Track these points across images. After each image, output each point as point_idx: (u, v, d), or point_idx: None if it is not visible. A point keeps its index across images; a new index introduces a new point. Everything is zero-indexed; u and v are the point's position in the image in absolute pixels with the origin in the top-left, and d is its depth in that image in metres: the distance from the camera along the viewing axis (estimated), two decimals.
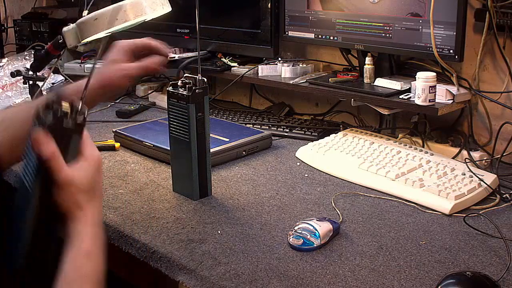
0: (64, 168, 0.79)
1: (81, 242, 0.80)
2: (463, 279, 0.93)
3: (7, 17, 2.80)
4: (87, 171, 0.82)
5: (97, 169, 0.84)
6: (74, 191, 0.80)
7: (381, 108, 1.58)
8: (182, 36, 2.06)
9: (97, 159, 0.84)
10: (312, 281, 0.98)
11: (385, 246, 1.09)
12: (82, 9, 1.55)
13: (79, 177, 0.81)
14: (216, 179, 1.40)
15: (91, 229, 0.81)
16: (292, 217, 1.21)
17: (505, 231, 1.13)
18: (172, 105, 1.28)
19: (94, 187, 0.83)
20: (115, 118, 1.94)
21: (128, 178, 1.43)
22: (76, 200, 0.80)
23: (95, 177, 0.83)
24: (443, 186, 1.28)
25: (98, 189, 0.84)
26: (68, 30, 1.45)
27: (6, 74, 2.04)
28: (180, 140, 1.28)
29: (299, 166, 1.50)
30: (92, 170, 0.83)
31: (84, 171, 0.82)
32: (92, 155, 0.84)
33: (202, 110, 1.25)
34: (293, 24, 1.80)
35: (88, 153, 0.84)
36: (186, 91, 1.23)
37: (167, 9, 1.40)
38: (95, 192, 0.83)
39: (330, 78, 1.70)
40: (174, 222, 1.20)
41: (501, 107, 1.52)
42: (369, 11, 1.60)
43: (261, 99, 2.10)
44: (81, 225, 0.80)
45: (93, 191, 0.83)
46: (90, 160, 0.83)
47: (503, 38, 1.47)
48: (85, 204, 0.81)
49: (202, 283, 1.00)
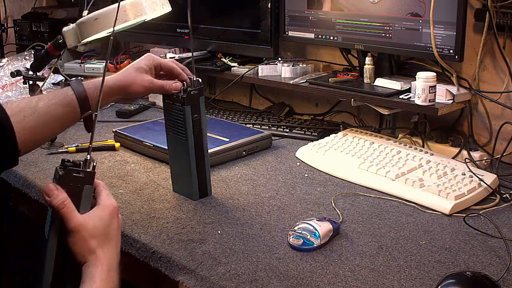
0: (75, 215, 0.83)
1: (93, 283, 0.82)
2: (463, 279, 0.93)
3: (7, 17, 2.80)
4: (98, 218, 0.85)
5: (111, 216, 0.87)
6: (86, 237, 0.83)
7: (381, 108, 1.58)
8: (182, 36, 2.06)
9: (111, 207, 0.88)
10: (312, 281, 0.98)
11: (385, 246, 1.09)
12: (82, 9, 1.55)
13: (91, 223, 0.84)
14: (216, 179, 1.40)
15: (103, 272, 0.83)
16: (292, 217, 1.21)
17: (505, 231, 1.13)
18: (168, 107, 1.27)
19: (109, 232, 0.86)
20: (115, 118, 1.94)
21: (128, 178, 1.43)
22: (88, 246, 0.83)
23: (109, 223, 0.86)
24: (443, 186, 1.28)
25: (113, 234, 0.87)
26: (68, 30, 1.45)
27: (6, 74, 2.04)
28: (177, 142, 1.28)
29: (299, 166, 1.50)
30: (105, 217, 0.86)
31: (96, 218, 0.85)
32: (106, 203, 0.88)
33: (198, 111, 1.24)
34: (293, 24, 1.80)
35: (102, 201, 0.88)
36: (182, 93, 1.22)
37: (167, 9, 1.40)
38: (108, 238, 0.86)
39: (330, 78, 1.70)
40: (174, 222, 1.20)
41: (501, 107, 1.52)
42: (369, 11, 1.60)
43: (261, 99, 2.10)
44: (93, 269, 0.83)
45: (106, 236, 0.85)
46: (103, 208, 0.87)
47: (503, 38, 1.47)
48: (98, 249, 0.84)
49: (202, 283, 1.00)
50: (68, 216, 0.82)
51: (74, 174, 0.84)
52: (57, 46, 1.52)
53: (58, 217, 0.82)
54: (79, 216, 0.83)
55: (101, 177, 1.43)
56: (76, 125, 1.95)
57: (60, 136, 1.68)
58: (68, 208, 0.82)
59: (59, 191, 0.82)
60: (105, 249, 0.85)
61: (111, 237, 0.86)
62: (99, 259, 0.83)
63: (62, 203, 0.81)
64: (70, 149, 1.60)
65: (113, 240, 0.87)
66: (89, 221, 0.84)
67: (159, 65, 1.19)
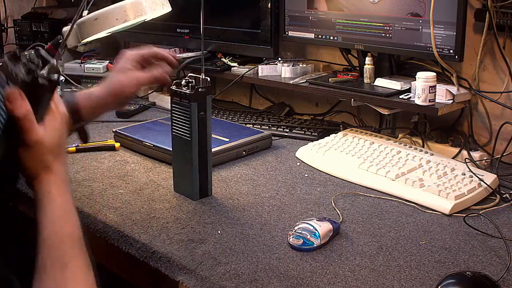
0: (36, 128, 0.78)
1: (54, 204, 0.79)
2: (463, 279, 0.93)
3: (7, 17, 2.80)
4: (55, 130, 0.81)
5: (63, 125, 0.83)
6: (44, 151, 0.79)
7: (381, 108, 1.58)
8: (182, 36, 2.06)
9: (63, 115, 0.83)
10: (312, 281, 0.98)
11: (385, 246, 1.09)
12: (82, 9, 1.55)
13: (49, 137, 0.80)
14: (216, 179, 1.40)
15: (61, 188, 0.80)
16: (292, 217, 1.21)
17: (505, 231, 1.13)
18: (175, 104, 1.28)
19: (60, 144, 0.82)
20: (115, 118, 1.94)
21: (128, 178, 1.43)
22: (44, 161, 0.79)
23: (61, 133, 0.82)
24: (443, 186, 1.28)
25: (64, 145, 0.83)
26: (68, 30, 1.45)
27: None
28: (182, 139, 1.28)
29: (299, 166, 1.50)
30: (58, 127, 0.82)
31: (53, 130, 0.81)
32: (59, 111, 0.83)
33: (204, 109, 1.25)
34: (293, 24, 1.80)
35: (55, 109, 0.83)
36: (189, 90, 1.24)
37: (167, 9, 1.40)
38: (61, 149, 0.82)
39: (330, 78, 1.70)
40: (174, 222, 1.20)
41: (501, 107, 1.52)
42: (369, 11, 1.60)
43: (261, 99, 2.10)
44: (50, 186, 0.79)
45: (59, 148, 0.81)
46: (57, 117, 0.82)
47: (503, 38, 1.47)
48: (52, 163, 0.80)
49: (202, 283, 1.00)
50: (29, 128, 0.77)
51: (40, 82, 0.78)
52: (57, 46, 1.52)
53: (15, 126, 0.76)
54: (40, 129, 0.78)
55: (101, 177, 1.43)
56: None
57: None
58: (30, 120, 0.77)
59: (23, 101, 0.76)
60: (59, 162, 0.81)
61: (63, 149, 0.82)
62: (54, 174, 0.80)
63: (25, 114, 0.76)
64: (70, 149, 1.60)
65: (64, 151, 0.83)
66: (47, 135, 0.79)
67: (142, 57, 1.15)
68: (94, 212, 1.24)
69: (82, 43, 1.47)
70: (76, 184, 1.38)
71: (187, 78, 1.26)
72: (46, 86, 0.79)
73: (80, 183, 1.39)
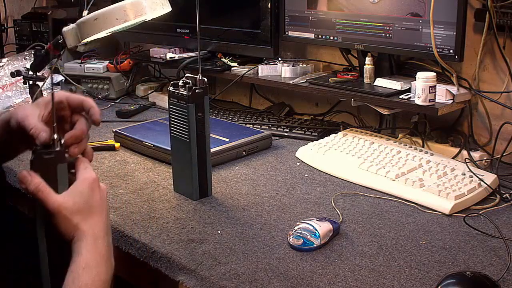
0: (52, 196, 0.82)
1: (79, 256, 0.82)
2: (463, 279, 0.93)
3: (7, 17, 2.80)
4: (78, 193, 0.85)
5: (90, 188, 0.86)
6: (67, 215, 0.83)
7: (381, 108, 1.58)
8: (182, 36, 2.06)
9: (90, 179, 0.87)
10: (312, 281, 0.98)
11: (385, 246, 1.09)
12: (82, 9, 1.55)
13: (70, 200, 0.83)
14: (216, 179, 1.40)
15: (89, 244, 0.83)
16: (292, 217, 1.21)
17: (505, 231, 1.13)
18: (173, 105, 1.28)
19: (91, 205, 0.85)
20: (115, 118, 1.94)
21: (128, 178, 1.43)
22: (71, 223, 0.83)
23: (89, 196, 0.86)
24: (443, 186, 1.28)
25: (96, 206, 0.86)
26: (68, 30, 1.45)
27: (6, 74, 2.04)
28: (180, 140, 1.28)
29: (299, 166, 1.50)
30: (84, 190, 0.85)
31: (75, 193, 0.85)
32: (84, 177, 0.87)
33: (202, 110, 1.25)
34: (293, 24, 1.80)
35: (80, 176, 0.87)
36: (186, 91, 1.24)
37: (167, 9, 1.40)
38: (91, 210, 0.85)
39: (330, 78, 1.70)
40: (174, 222, 1.20)
41: (501, 107, 1.52)
42: (369, 11, 1.60)
43: (261, 99, 2.10)
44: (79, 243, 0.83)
45: (89, 209, 0.85)
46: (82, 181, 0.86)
47: (503, 38, 1.47)
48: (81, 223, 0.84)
49: (202, 283, 1.00)
50: (45, 199, 0.82)
51: (45, 157, 0.84)
52: (57, 46, 1.52)
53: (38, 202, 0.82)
54: (57, 197, 0.83)
55: (101, 177, 1.43)
56: None
57: None
58: (43, 191, 0.82)
59: (32, 177, 0.82)
60: (89, 222, 0.84)
61: (94, 209, 0.86)
62: (84, 233, 0.83)
63: (37, 187, 0.81)
64: None
65: (96, 211, 0.86)
66: (68, 199, 0.83)
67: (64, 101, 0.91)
68: None
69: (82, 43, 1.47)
70: None
71: (184, 79, 1.26)
72: (52, 158, 0.84)
73: None
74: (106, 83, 2.18)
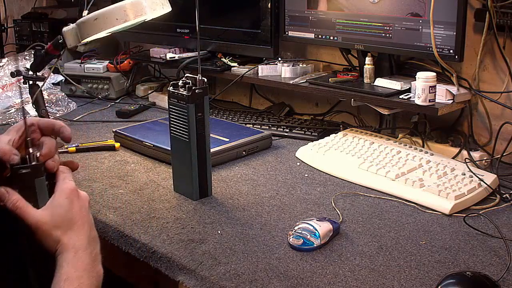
0: (30, 212, 0.82)
1: (60, 269, 0.82)
2: (463, 279, 0.93)
3: (7, 17, 2.80)
4: (57, 206, 0.84)
5: (69, 200, 0.86)
6: (47, 230, 0.82)
7: (381, 108, 1.58)
8: (182, 36, 2.06)
9: (67, 190, 0.86)
10: (312, 281, 0.98)
11: (385, 246, 1.09)
12: (82, 9, 1.55)
13: (48, 215, 0.83)
14: (216, 179, 1.40)
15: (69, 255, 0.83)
16: (292, 217, 1.21)
17: (505, 231, 1.13)
18: (173, 105, 1.28)
19: (71, 217, 0.85)
20: (115, 118, 1.94)
21: (128, 178, 1.43)
22: (52, 237, 0.83)
23: (68, 208, 0.85)
24: (443, 186, 1.28)
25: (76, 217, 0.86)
26: (68, 30, 1.45)
27: (6, 74, 2.04)
28: (180, 140, 1.28)
29: (299, 166, 1.50)
30: (63, 202, 0.85)
31: (53, 207, 0.84)
32: (62, 188, 0.86)
33: (202, 110, 1.25)
34: (293, 24, 1.80)
35: (58, 187, 0.86)
36: (186, 91, 1.23)
37: (167, 9, 1.40)
38: (71, 222, 0.85)
39: (330, 78, 1.70)
40: (174, 222, 1.20)
41: (501, 107, 1.52)
42: (369, 11, 1.60)
43: (261, 99, 2.10)
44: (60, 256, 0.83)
45: (68, 221, 0.85)
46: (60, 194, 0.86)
47: (503, 38, 1.47)
48: (62, 237, 0.83)
49: (202, 283, 1.00)
50: (23, 215, 0.82)
51: (22, 171, 0.83)
52: (57, 46, 1.53)
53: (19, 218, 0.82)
54: (35, 212, 0.82)
55: (101, 177, 1.43)
56: (76, 125, 1.95)
57: None
58: (21, 208, 0.82)
59: (9, 194, 0.82)
60: (69, 234, 0.84)
61: (73, 221, 0.85)
62: (64, 246, 0.83)
63: (14, 204, 0.81)
64: (70, 149, 1.60)
65: (77, 222, 0.86)
66: (46, 213, 0.83)
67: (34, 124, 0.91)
68: (94, 212, 1.24)
69: (82, 43, 1.47)
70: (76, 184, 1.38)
71: (184, 79, 1.26)
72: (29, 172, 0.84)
73: (80, 183, 1.39)
74: (106, 83, 2.18)
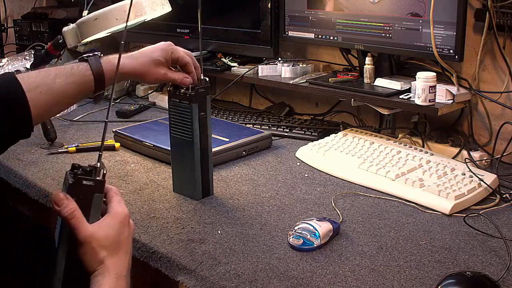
0: (84, 225, 0.81)
1: None
2: (463, 279, 0.93)
3: (7, 17, 2.80)
4: (109, 227, 0.84)
5: (122, 224, 0.86)
6: (95, 248, 0.82)
7: (381, 108, 1.58)
8: (182, 36, 2.06)
9: (122, 215, 0.86)
10: (312, 281, 0.98)
11: (385, 246, 1.09)
12: (82, 9, 1.55)
13: (101, 233, 0.83)
14: (216, 179, 1.40)
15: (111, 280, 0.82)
16: (292, 217, 1.21)
17: (505, 231, 1.13)
18: (174, 105, 1.27)
19: (119, 241, 0.85)
20: (115, 118, 1.94)
21: (128, 178, 1.43)
22: (98, 256, 0.82)
23: (119, 232, 0.85)
24: (443, 186, 1.28)
25: (123, 243, 0.86)
26: (68, 30, 1.45)
27: None
28: (182, 140, 1.28)
29: (299, 166, 1.50)
30: (116, 225, 0.85)
31: (106, 227, 0.84)
32: (117, 211, 0.86)
33: (204, 109, 1.25)
34: (293, 24, 1.80)
35: (113, 209, 0.86)
36: (189, 91, 1.23)
37: (167, 9, 1.40)
38: (119, 247, 0.85)
39: (330, 78, 1.70)
40: (174, 222, 1.20)
41: (501, 107, 1.52)
42: (369, 11, 1.60)
43: (261, 99, 2.10)
44: (101, 277, 0.82)
45: (116, 245, 0.84)
46: (114, 216, 0.85)
47: (503, 38, 1.47)
48: (107, 259, 0.83)
49: (202, 283, 1.00)
50: (77, 227, 0.80)
51: (84, 183, 0.82)
52: (57, 46, 1.52)
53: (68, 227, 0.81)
54: (89, 227, 0.82)
55: None
56: (76, 125, 1.95)
57: (60, 136, 1.68)
58: (77, 218, 0.80)
59: (68, 201, 0.80)
60: (115, 258, 0.83)
61: (121, 246, 0.85)
62: (107, 268, 0.82)
63: (71, 213, 0.80)
64: (70, 149, 1.60)
65: (123, 249, 0.85)
66: (99, 231, 0.82)
67: (176, 59, 1.20)
68: None
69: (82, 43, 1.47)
70: None
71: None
72: (92, 186, 0.83)
73: None
74: None
